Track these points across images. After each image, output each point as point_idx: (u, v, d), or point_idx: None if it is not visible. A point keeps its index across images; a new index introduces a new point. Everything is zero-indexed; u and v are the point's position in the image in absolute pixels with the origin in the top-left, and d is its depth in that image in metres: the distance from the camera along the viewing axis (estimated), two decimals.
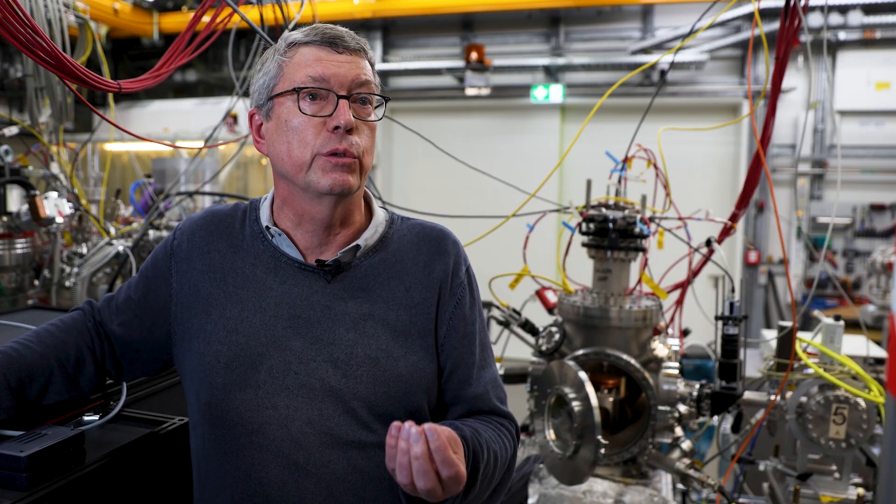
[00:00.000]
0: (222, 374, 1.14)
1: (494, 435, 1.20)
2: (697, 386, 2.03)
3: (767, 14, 5.44)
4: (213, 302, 1.19)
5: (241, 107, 5.10)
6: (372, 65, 1.20)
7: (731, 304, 2.00)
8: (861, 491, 2.06)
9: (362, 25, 7.21)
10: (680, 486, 2.22)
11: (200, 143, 3.40)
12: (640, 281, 2.19)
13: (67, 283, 3.08)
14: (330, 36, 1.15)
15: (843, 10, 5.95)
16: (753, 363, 2.67)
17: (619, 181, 2.28)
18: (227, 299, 1.18)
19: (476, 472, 1.09)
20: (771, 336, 2.51)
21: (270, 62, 1.18)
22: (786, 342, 2.11)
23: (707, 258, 2.18)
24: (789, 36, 2.02)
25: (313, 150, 1.12)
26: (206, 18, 1.98)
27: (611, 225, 2.09)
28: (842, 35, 6.08)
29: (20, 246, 2.89)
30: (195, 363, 1.18)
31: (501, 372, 2.32)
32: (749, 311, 6.37)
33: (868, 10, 5.96)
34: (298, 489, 1.12)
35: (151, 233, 3.26)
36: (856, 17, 5.91)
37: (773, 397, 2.08)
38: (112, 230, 3.32)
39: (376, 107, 1.20)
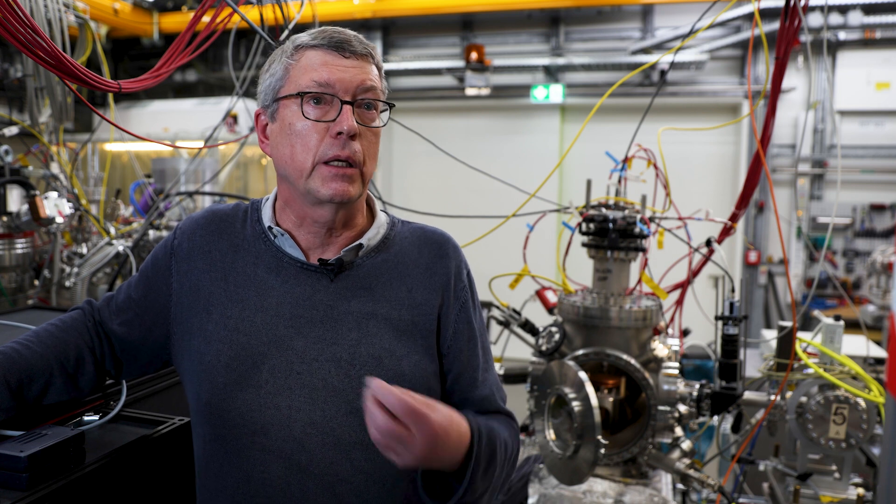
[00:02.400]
0: (223, 374, 1.14)
1: (497, 424, 1.21)
2: (697, 386, 2.03)
3: (767, 14, 5.45)
4: (214, 301, 1.19)
5: (241, 107, 5.10)
6: (379, 69, 1.19)
7: (731, 304, 2.00)
8: (861, 491, 2.06)
9: (362, 25, 7.21)
10: (680, 486, 2.22)
11: (200, 143, 3.40)
12: (640, 281, 2.19)
13: (67, 283, 3.08)
14: (337, 40, 1.14)
15: (843, 10, 5.95)
16: (753, 363, 2.67)
17: (619, 181, 2.28)
18: (229, 299, 1.18)
19: (494, 451, 1.11)
20: (771, 336, 2.51)
21: (277, 64, 1.18)
22: (786, 342, 2.11)
23: (707, 258, 2.18)
24: (789, 36, 2.02)
25: (315, 156, 1.12)
26: (206, 18, 1.98)
27: (611, 225, 2.09)
28: (842, 35, 6.08)
29: (20, 246, 2.89)
30: (195, 362, 1.18)
31: (501, 372, 2.32)
32: (749, 311, 6.37)
33: (868, 10, 5.96)
34: (301, 490, 1.11)
35: (151, 233, 3.26)
36: (856, 17, 5.91)
37: (773, 397, 2.08)
38: (112, 230, 3.32)
39: (382, 111, 1.19)
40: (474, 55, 6.52)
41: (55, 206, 2.80)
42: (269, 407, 1.12)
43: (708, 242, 2.14)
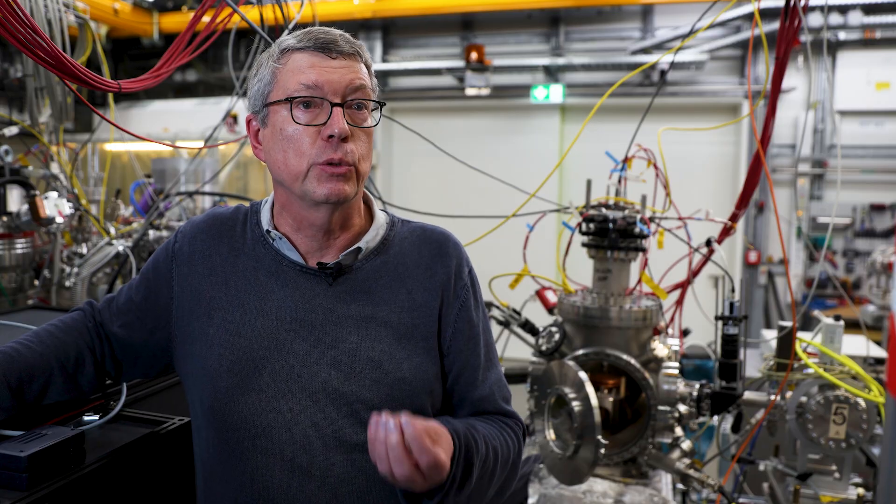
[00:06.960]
0: (225, 378, 1.14)
1: (495, 431, 1.20)
2: (697, 386, 2.03)
3: (767, 14, 5.44)
4: (216, 306, 1.19)
5: (241, 107, 5.11)
6: (368, 67, 1.18)
7: (731, 304, 2.00)
8: (861, 491, 2.06)
9: (362, 25, 7.21)
10: (680, 486, 2.22)
11: (200, 143, 3.40)
12: (640, 281, 2.19)
13: (67, 283, 3.08)
14: (323, 41, 1.13)
15: (843, 10, 5.95)
16: (753, 363, 2.67)
17: (619, 181, 2.28)
18: (230, 303, 1.18)
19: (471, 465, 1.09)
20: (771, 336, 2.51)
21: (264, 68, 1.17)
22: (786, 342, 2.11)
23: (707, 258, 2.18)
24: (789, 36, 2.02)
25: (309, 159, 1.12)
26: (206, 18, 1.98)
27: (611, 225, 2.09)
28: (842, 35, 6.08)
29: (20, 246, 2.89)
30: (198, 367, 1.18)
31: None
32: (749, 311, 6.37)
33: (868, 10, 5.96)
34: (303, 492, 1.12)
35: (151, 233, 3.26)
36: (856, 17, 5.91)
37: (773, 397, 2.08)
38: (112, 230, 3.32)
39: (373, 110, 1.19)
40: (474, 55, 6.52)
41: (55, 206, 2.80)
42: (270, 410, 1.13)
43: (708, 242, 2.14)
